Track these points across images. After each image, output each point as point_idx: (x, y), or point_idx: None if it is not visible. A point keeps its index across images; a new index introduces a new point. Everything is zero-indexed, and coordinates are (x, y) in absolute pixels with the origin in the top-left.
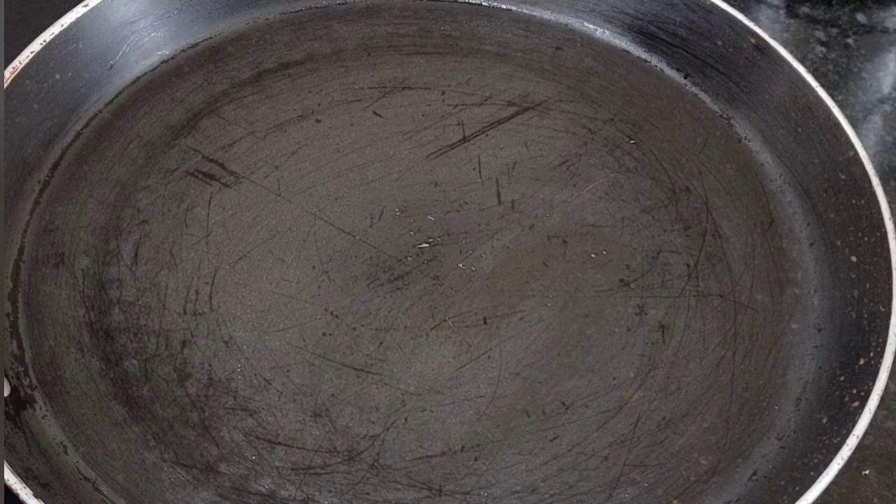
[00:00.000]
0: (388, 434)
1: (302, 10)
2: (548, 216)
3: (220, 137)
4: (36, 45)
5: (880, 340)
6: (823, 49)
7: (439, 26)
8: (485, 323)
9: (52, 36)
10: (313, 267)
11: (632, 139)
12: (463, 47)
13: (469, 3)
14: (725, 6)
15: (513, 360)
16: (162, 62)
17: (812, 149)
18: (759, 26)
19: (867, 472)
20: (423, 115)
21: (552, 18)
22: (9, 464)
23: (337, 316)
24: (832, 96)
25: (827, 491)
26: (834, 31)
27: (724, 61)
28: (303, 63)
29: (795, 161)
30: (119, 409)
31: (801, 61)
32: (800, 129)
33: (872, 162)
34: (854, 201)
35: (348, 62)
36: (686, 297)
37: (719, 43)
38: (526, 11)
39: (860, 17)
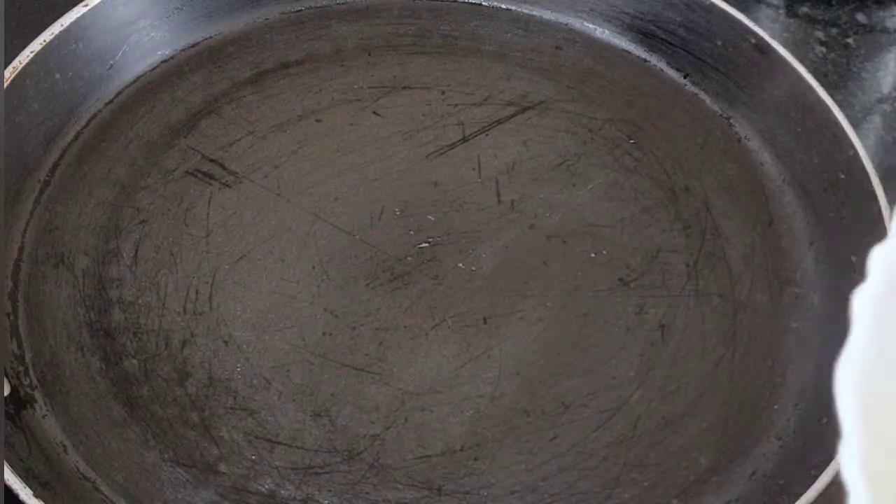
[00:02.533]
0: (388, 434)
1: (302, 9)
2: (547, 216)
3: (219, 137)
4: (36, 45)
5: None
6: (823, 49)
7: (439, 26)
8: (484, 322)
9: (53, 36)
10: (313, 267)
11: (631, 139)
12: (463, 47)
13: (469, 2)
14: (725, 6)
15: (512, 360)
16: (162, 62)
17: (812, 148)
18: (759, 26)
19: None
20: (422, 114)
21: (552, 18)
22: (9, 464)
23: (337, 315)
24: (832, 96)
25: (827, 491)
26: (834, 31)
27: (724, 61)
28: (302, 63)
29: (795, 161)
30: (119, 409)
31: (801, 61)
32: (800, 129)
33: (872, 162)
34: (854, 201)
35: (348, 62)
36: (686, 296)
37: (719, 43)
38: (526, 11)
39: (860, 17)
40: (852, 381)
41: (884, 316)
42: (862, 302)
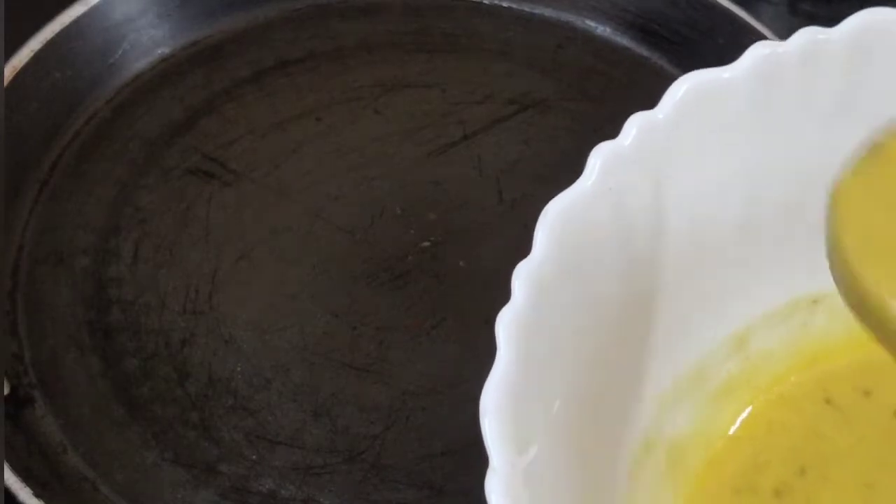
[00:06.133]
0: (389, 434)
1: (302, 7)
2: None
3: (219, 136)
4: (36, 44)
5: None
6: None
7: (440, 24)
8: (486, 322)
9: (52, 34)
10: (313, 266)
11: None
12: (464, 45)
13: (470, 1)
14: (727, 4)
15: None
16: (161, 60)
17: None
18: (761, 24)
19: None
20: (423, 113)
21: (553, 16)
22: (8, 464)
23: (337, 315)
24: None
25: None
26: None
27: (727, 60)
28: (303, 61)
29: None
30: (119, 409)
31: None
32: None
33: None
34: None
35: (348, 60)
36: None
37: (721, 41)
38: (527, 9)
39: None
40: (496, 409)
41: (526, 337)
42: (505, 323)
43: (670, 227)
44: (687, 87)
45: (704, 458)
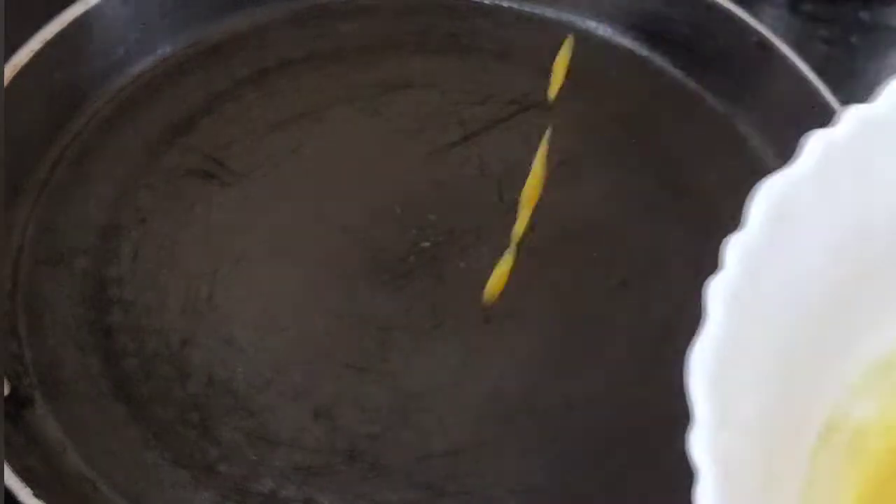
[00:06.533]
0: (389, 434)
1: (303, 7)
2: (549, 215)
3: (220, 136)
4: (36, 44)
5: None
6: (826, 47)
7: (441, 25)
8: (486, 322)
9: (52, 34)
10: (314, 266)
11: (633, 138)
12: (465, 46)
13: (471, 1)
14: (728, 4)
15: (514, 360)
16: (162, 60)
17: None
18: (762, 24)
19: None
20: (424, 113)
21: (554, 16)
22: (9, 464)
23: (338, 315)
24: (835, 95)
25: None
26: (837, 29)
27: (727, 60)
28: (303, 61)
29: None
30: (119, 409)
31: (804, 59)
32: (802, 128)
33: None
34: None
35: (349, 60)
36: (690, 296)
37: (721, 41)
38: (527, 10)
39: (863, 16)
40: (704, 368)
41: (737, 306)
42: (716, 291)
43: (877, 218)
44: None
45: (886, 446)
